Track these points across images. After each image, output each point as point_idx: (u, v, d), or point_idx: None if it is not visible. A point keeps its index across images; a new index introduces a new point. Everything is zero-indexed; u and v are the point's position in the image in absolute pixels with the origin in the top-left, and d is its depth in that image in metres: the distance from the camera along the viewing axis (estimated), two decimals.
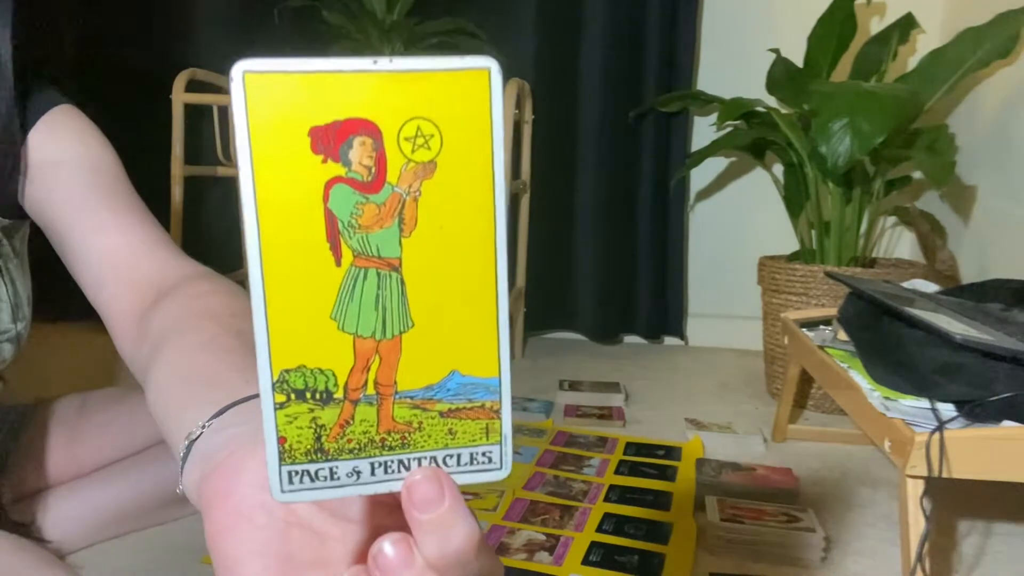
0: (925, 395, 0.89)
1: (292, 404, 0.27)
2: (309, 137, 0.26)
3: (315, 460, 0.28)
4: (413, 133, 0.26)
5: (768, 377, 1.73)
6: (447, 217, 0.27)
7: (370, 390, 0.28)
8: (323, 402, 0.27)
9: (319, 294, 0.27)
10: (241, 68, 0.25)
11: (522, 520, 1.07)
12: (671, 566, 0.96)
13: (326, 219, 0.26)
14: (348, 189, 0.26)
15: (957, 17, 1.84)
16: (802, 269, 1.60)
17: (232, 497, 0.32)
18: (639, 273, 2.07)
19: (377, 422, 0.28)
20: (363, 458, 0.28)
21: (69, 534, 0.97)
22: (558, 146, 2.01)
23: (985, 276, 1.50)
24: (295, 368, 0.27)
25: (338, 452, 0.28)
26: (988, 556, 1.04)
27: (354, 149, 0.26)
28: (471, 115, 0.26)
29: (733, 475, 1.18)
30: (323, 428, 0.28)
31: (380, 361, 0.28)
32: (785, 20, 1.98)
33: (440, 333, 0.28)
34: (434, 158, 0.26)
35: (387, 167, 0.26)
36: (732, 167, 2.11)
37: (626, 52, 1.96)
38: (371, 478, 0.28)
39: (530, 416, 1.51)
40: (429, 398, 0.28)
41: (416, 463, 0.28)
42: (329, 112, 0.26)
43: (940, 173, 1.40)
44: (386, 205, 0.26)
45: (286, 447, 0.27)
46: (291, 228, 0.26)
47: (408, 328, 0.28)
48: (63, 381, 1.06)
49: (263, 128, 0.25)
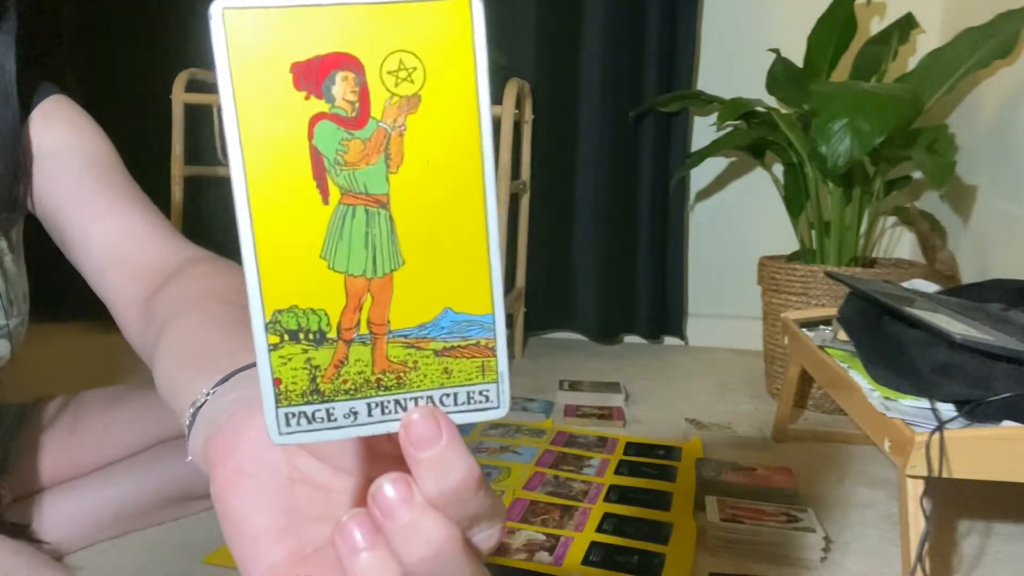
0: (925, 395, 0.89)
1: (286, 345, 0.27)
2: (291, 73, 0.25)
3: (311, 401, 0.28)
4: (396, 66, 0.26)
5: (768, 377, 1.73)
6: (433, 151, 0.26)
7: (363, 329, 0.27)
8: (317, 342, 0.27)
9: (308, 233, 0.26)
10: (220, 5, 0.25)
11: (522, 520, 1.07)
12: (671, 566, 0.96)
13: (312, 156, 0.26)
14: (333, 125, 0.26)
15: (957, 17, 1.84)
16: (802, 269, 1.60)
17: (236, 454, 0.33)
18: (639, 273, 2.07)
19: (372, 362, 0.28)
20: (359, 399, 0.28)
21: (68, 534, 0.97)
22: (558, 146, 2.01)
23: (985, 276, 1.50)
24: (287, 308, 0.27)
25: (334, 393, 0.28)
26: (988, 556, 1.04)
27: (337, 84, 0.26)
28: (453, 46, 0.26)
29: (733, 475, 1.17)
30: (318, 369, 0.27)
31: (372, 300, 0.27)
32: (785, 20, 1.98)
33: (431, 270, 0.27)
34: (418, 91, 0.26)
35: (371, 102, 0.26)
36: (732, 167, 2.11)
37: (626, 52, 1.96)
38: (368, 419, 0.28)
39: (530, 416, 1.51)
40: (423, 336, 0.28)
41: (413, 403, 0.28)
42: (310, 47, 0.25)
43: (940, 173, 1.40)
44: (371, 140, 0.26)
45: (282, 388, 0.27)
46: (277, 167, 0.26)
47: (399, 266, 0.27)
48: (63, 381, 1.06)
49: (245, 65, 0.25)
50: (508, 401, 0.29)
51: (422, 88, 0.26)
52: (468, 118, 0.26)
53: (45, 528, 0.95)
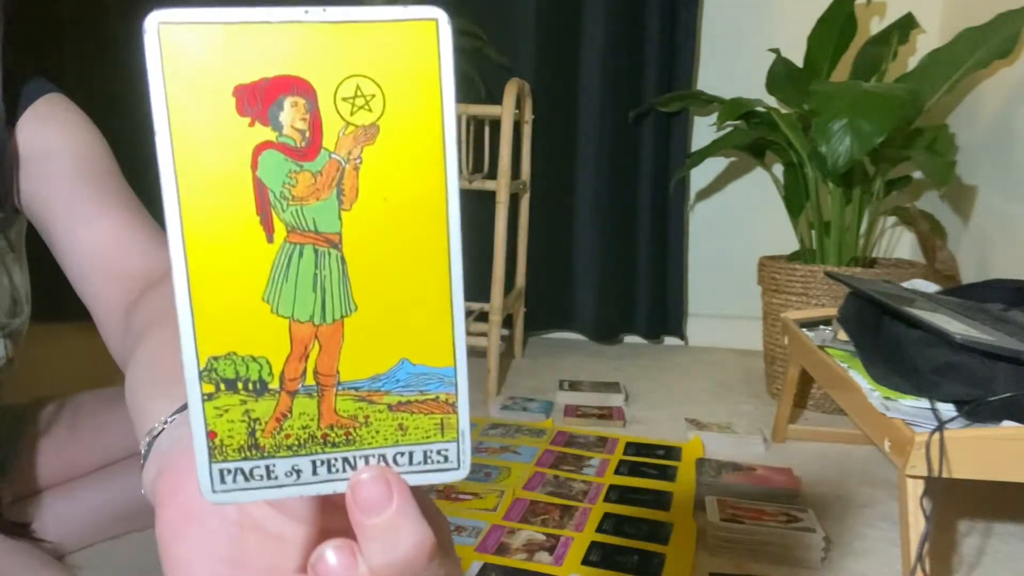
0: (925, 395, 0.89)
1: (222, 395, 0.25)
2: (234, 97, 0.23)
3: (249, 457, 0.25)
4: (352, 93, 0.23)
5: (768, 377, 1.73)
6: (392, 187, 0.24)
7: (309, 380, 0.25)
8: (257, 393, 0.25)
9: (249, 273, 0.24)
10: (156, 19, 0.22)
11: (522, 520, 1.07)
12: (671, 566, 0.96)
13: (255, 189, 0.23)
14: (280, 155, 0.23)
15: (957, 17, 1.84)
16: (802, 269, 1.60)
17: (181, 496, 0.30)
18: (639, 273, 2.07)
19: (318, 416, 0.25)
20: (303, 455, 0.25)
21: (68, 535, 0.97)
22: (558, 146, 2.01)
23: (985, 276, 1.50)
24: (224, 355, 0.24)
25: (275, 449, 0.25)
26: (988, 556, 1.04)
27: (285, 111, 0.23)
28: (417, 73, 0.23)
29: (733, 475, 1.17)
30: (257, 422, 0.25)
31: (320, 348, 0.25)
32: (785, 20, 1.98)
33: (387, 317, 0.25)
34: (376, 121, 0.24)
35: (323, 131, 0.24)
36: (732, 167, 2.11)
37: (626, 52, 1.96)
38: (313, 477, 0.26)
39: (530, 416, 1.51)
40: (376, 389, 0.25)
41: (363, 461, 0.26)
42: (257, 69, 0.23)
43: (940, 173, 1.40)
44: (323, 174, 0.24)
45: (216, 442, 0.25)
46: (216, 200, 0.23)
47: (351, 312, 0.25)
48: (63, 381, 1.06)
49: (183, 87, 0.23)
50: (469, 462, 0.27)
51: (381, 117, 0.24)
52: (431, 152, 0.24)
53: (45, 528, 0.95)
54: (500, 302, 1.67)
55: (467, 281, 0.26)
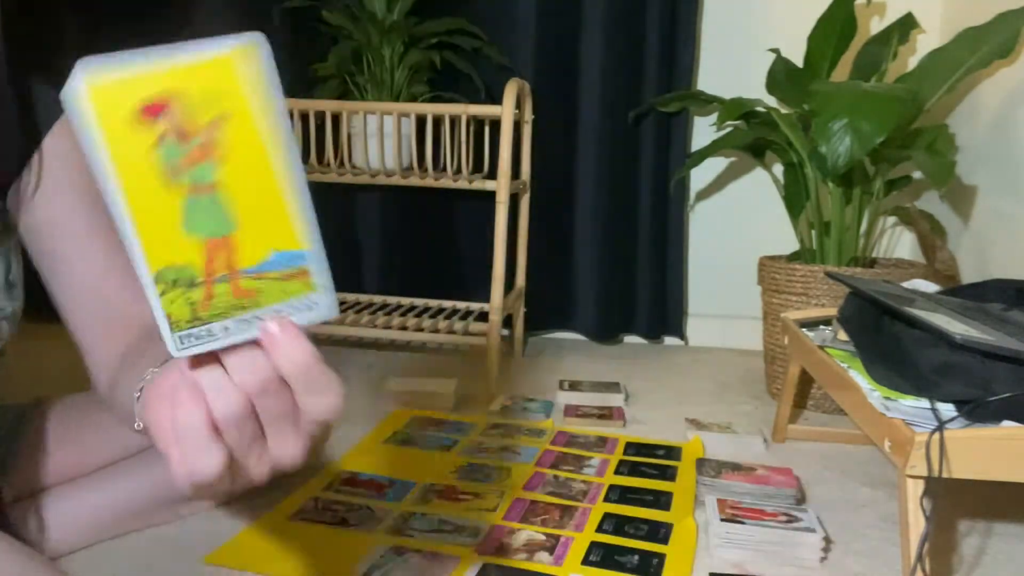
0: (925, 395, 0.89)
1: (169, 291, 0.39)
2: (140, 110, 0.36)
3: (195, 325, 0.40)
4: (207, 98, 0.37)
5: (768, 377, 1.73)
6: (245, 150, 0.38)
7: (221, 271, 0.39)
8: (191, 286, 0.39)
9: (171, 214, 0.38)
10: (85, 83, 0.35)
11: (522, 520, 1.07)
12: (671, 566, 0.96)
13: (163, 163, 0.37)
14: (172, 140, 0.37)
15: (957, 17, 1.84)
16: (802, 269, 1.60)
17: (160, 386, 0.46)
18: (639, 273, 2.07)
19: (231, 292, 0.40)
20: (228, 318, 0.40)
21: (68, 535, 0.97)
22: (558, 146, 2.01)
23: (985, 276, 1.50)
24: (166, 267, 0.38)
25: (211, 317, 0.40)
26: (988, 556, 1.04)
27: (170, 115, 0.36)
28: (244, 80, 0.37)
29: (733, 475, 1.17)
30: (195, 303, 0.39)
31: (223, 252, 0.39)
32: (785, 20, 1.98)
33: (257, 227, 0.39)
34: (220, 114, 0.37)
35: (195, 123, 0.37)
36: (732, 167, 2.11)
37: (626, 52, 1.96)
38: (237, 330, 0.41)
39: (530, 416, 1.51)
40: (262, 271, 0.40)
41: (267, 314, 0.41)
42: (150, 94, 0.36)
43: (940, 173, 1.40)
44: (201, 148, 0.37)
45: (172, 320, 0.39)
46: (140, 175, 0.37)
47: (235, 228, 0.39)
48: (62, 381, 1.06)
49: (110, 118, 0.36)
50: (335, 305, 0.42)
51: (220, 113, 0.37)
52: (261, 122, 0.38)
53: (45, 528, 0.95)
54: (500, 302, 1.67)
55: (467, 281, 0.32)
